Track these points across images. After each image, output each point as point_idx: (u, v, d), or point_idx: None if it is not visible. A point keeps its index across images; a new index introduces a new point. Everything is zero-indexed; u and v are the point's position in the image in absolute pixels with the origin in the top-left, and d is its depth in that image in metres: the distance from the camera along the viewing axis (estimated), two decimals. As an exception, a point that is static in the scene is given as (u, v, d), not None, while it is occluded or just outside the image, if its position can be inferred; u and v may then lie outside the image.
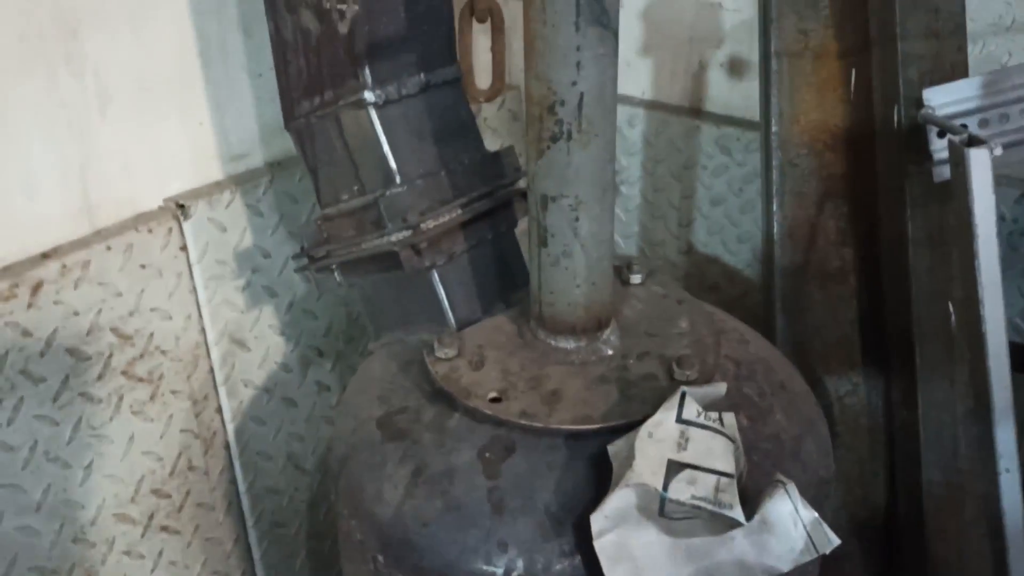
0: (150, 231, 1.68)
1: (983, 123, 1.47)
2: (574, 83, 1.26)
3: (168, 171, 1.76)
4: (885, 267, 1.74)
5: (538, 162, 1.33)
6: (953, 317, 1.67)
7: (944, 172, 1.51)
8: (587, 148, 1.31)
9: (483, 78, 2.11)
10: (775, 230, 1.86)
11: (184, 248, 1.75)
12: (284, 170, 1.91)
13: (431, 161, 1.58)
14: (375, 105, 1.51)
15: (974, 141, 1.29)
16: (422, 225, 1.50)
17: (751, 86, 2.10)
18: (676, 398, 1.22)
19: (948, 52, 1.63)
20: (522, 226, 1.53)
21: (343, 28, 1.47)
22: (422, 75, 1.57)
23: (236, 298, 1.89)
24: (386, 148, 1.52)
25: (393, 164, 1.52)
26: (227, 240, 1.84)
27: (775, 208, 1.86)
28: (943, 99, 1.46)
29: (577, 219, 1.35)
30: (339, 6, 1.45)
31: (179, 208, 1.73)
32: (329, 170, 1.62)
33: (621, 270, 1.61)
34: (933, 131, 1.48)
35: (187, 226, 1.74)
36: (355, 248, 1.57)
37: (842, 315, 1.86)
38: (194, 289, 1.81)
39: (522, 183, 1.68)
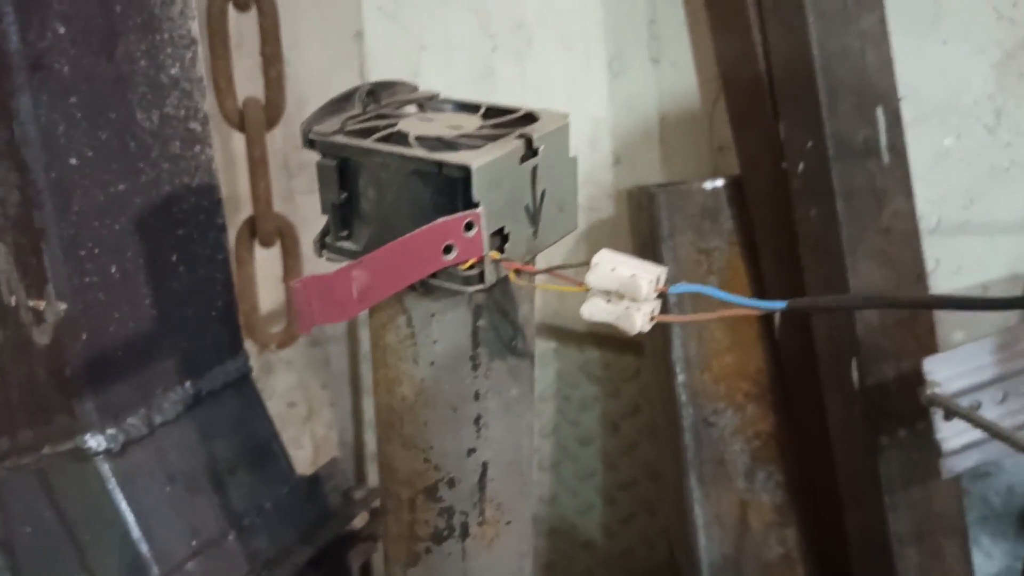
0: None
1: (1001, 396, 1.08)
2: (471, 451, 0.72)
3: None
4: (856, 563, 1.30)
5: (409, 572, 0.77)
6: (954, 629, 1.24)
7: (957, 464, 1.09)
8: (493, 545, 0.76)
9: (274, 317, 1.54)
10: (696, 512, 1.38)
11: None
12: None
13: (210, 521, 0.97)
14: (107, 454, 0.90)
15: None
16: (203, 654, 0.88)
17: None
18: None
19: (908, 283, 1.24)
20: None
21: (42, 338, 0.86)
22: (188, 385, 0.97)
23: None
24: (130, 521, 0.91)
25: (144, 547, 0.91)
26: None
27: (692, 483, 1.38)
28: (949, 371, 1.05)
29: (481, 654, 0.79)
30: (32, 303, 0.84)
31: None
32: (35, 551, 0.97)
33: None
34: (939, 412, 1.06)
35: None
36: None
37: (792, 618, 1.39)
38: None
39: (358, 522, 1.11)
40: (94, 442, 0.88)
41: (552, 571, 1.93)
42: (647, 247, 1.44)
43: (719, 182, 1.40)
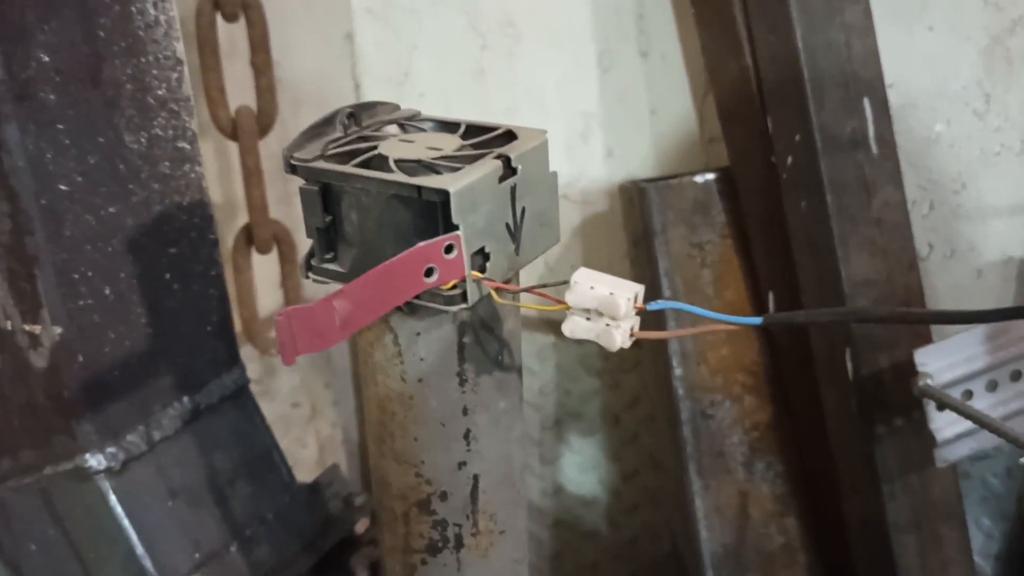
0: None
1: (991, 385, 1.08)
2: (462, 464, 0.73)
3: None
4: (856, 551, 1.31)
5: (406, 582, 0.78)
6: (955, 615, 1.25)
7: (949, 454, 1.10)
8: (487, 555, 0.77)
9: (273, 322, 1.54)
10: (696, 504, 1.40)
11: None
12: None
13: (212, 534, 0.99)
14: (107, 472, 0.91)
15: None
16: (208, 666, 0.90)
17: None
18: None
19: (899, 272, 1.25)
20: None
21: (39, 361, 0.87)
22: (186, 400, 0.99)
23: None
24: (132, 539, 0.92)
25: (147, 563, 0.92)
26: None
27: (692, 475, 1.39)
28: (941, 361, 1.06)
29: (479, 661, 0.81)
30: (28, 328, 0.85)
31: None
32: (41, 569, 0.98)
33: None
34: (931, 404, 1.07)
35: None
36: None
37: (795, 606, 1.41)
38: None
39: (360, 525, 1.12)
40: (94, 461, 0.90)
41: (559, 562, 1.94)
42: (640, 242, 1.45)
43: (709, 176, 1.41)
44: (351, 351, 1.99)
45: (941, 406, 1.06)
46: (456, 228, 0.61)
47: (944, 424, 1.08)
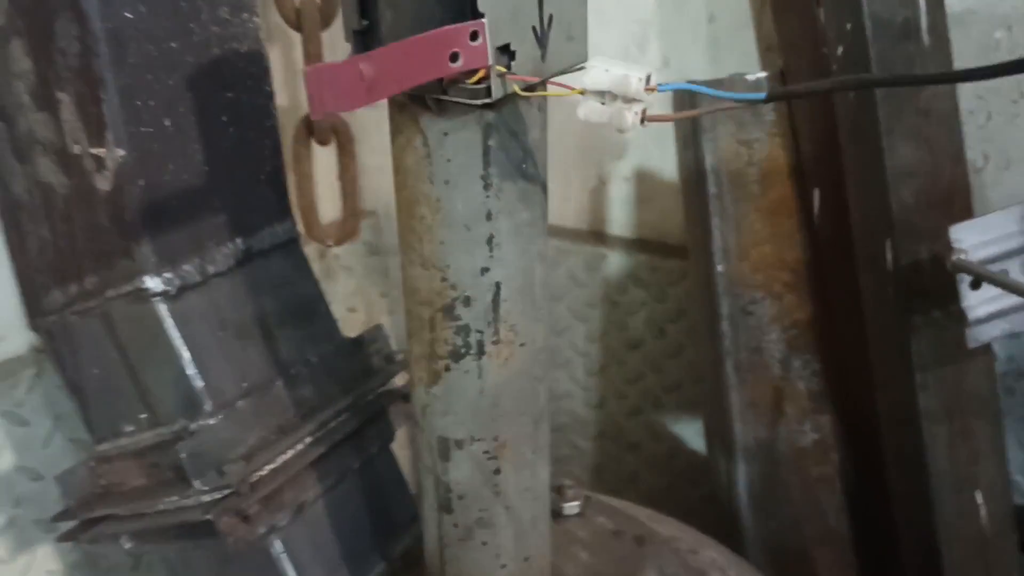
0: None
1: (1028, 266, 1.08)
2: (485, 270, 0.77)
3: None
4: (887, 442, 1.32)
5: (431, 390, 0.83)
6: (983, 510, 1.25)
7: (983, 334, 1.10)
8: (508, 365, 0.81)
9: (329, 212, 1.60)
10: (732, 399, 1.42)
11: None
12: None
13: (259, 367, 1.05)
14: (164, 296, 0.97)
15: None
16: (250, 479, 0.96)
17: (668, 204, 1.68)
18: None
19: (944, 165, 1.24)
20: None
21: (103, 183, 0.93)
22: (239, 241, 1.05)
23: (-10, 548, 1.28)
24: (185, 358, 0.98)
25: (198, 383, 0.98)
26: (-32, 471, 1.25)
27: (729, 370, 1.41)
28: (976, 238, 1.06)
29: (498, 470, 0.85)
30: (94, 151, 0.92)
31: None
32: (101, 391, 1.06)
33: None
34: (965, 280, 1.07)
35: None
36: (148, 512, 1.01)
37: (825, 502, 1.42)
38: (-80, 548, 1.21)
39: (399, 380, 1.17)
40: (152, 283, 0.96)
41: (600, 472, 1.98)
42: (688, 139, 1.47)
43: (762, 74, 1.41)
44: (408, 265, 2.05)
45: (975, 283, 1.06)
46: (481, 16, 0.65)
47: (977, 303, 1.08)
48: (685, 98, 1.36)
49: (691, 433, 1.85)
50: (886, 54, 1.23)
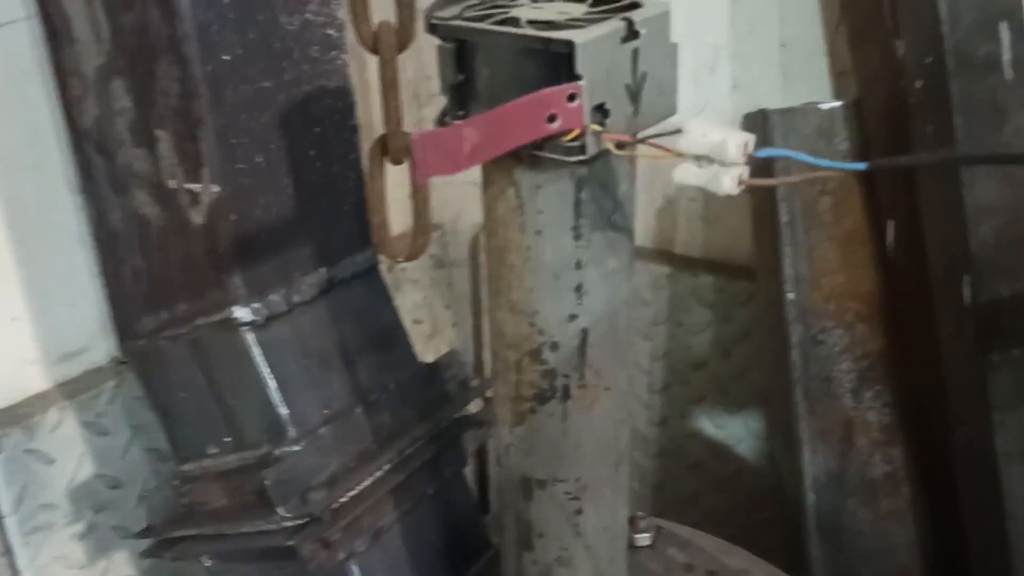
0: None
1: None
2: (572, 317, 0.78)
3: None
4: (961, 480, 1.31)
5: (515, 430, 0.85)
6: (1062, 551, 1.24)
7: (1064, 377, 1.09)
8: (592, 408, 0.83)
9: (397, 226, 1.63)
10: (801, 427, 1.41)
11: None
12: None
13: (341, 394, 1.08)
14: (252, 325, 1.00)
15: None
16: (332, 506, 0.99)
17: (735, 225, 1.68)
18: None
19: (1025, 200, 1.23)
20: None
21: (198, 217, 0.97)
22: (323, 271, 1.08)
23: (73, 551, 1.33)
24: (271, 386, 1.01)
25: (283, 409, 1.02)
26: (55, 475, 1.31)
27: (798, 398, 1.41)
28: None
29: (579, 511, 0.87)
30: (189, 186, 0.95)
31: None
32: (187, 413, 1.10)
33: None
34: (1049, 323, 1.06)
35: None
36: (230, 533, 1.04)
37: (896, 537, 1.41)
38: (8, 550, 1.25)
39: (472, 407, 1.20)
40: (241, 313, 0.99)
41: (661, 491, 1.98)
42: (759, 169, 1.46)
43: (836, 103, 1.40)
44: (471, 278, 2.07)
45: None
46: (579, 79, 0.66)
47: (1061, 345, 1.06)
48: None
49: (755, 456, 1.84)
50: (966, 88, 1.21)
